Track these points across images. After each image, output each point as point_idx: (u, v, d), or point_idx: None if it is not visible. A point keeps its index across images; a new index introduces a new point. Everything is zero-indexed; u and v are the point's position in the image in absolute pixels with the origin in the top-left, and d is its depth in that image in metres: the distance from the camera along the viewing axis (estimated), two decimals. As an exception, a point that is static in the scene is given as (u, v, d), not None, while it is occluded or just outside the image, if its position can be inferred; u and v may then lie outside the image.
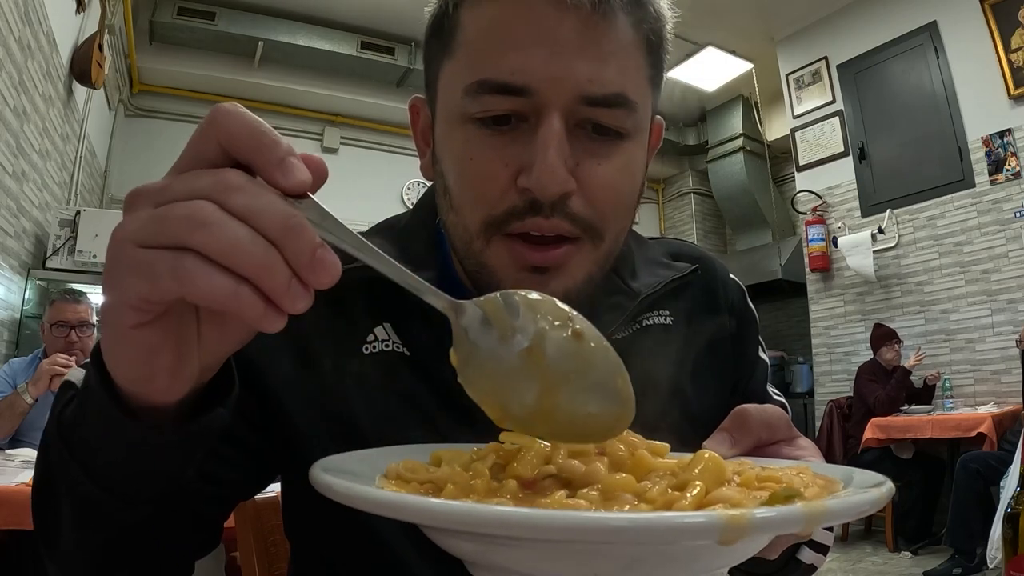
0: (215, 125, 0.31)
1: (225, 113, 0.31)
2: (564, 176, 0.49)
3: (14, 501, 1.51)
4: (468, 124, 0.51)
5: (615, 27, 0.50)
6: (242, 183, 0.30)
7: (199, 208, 0.29)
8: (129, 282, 0.30)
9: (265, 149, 0.31)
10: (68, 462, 0.39)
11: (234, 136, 0.31)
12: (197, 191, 0.29)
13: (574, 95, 0.49)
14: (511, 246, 0.52)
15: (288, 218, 0.30)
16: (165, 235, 0.29)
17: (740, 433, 0.46)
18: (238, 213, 0.29)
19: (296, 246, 0.29)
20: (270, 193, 0.30)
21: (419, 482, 0.34)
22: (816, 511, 0.26)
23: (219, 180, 0.30)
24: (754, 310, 0.72)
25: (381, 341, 0.57)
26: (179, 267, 0.28)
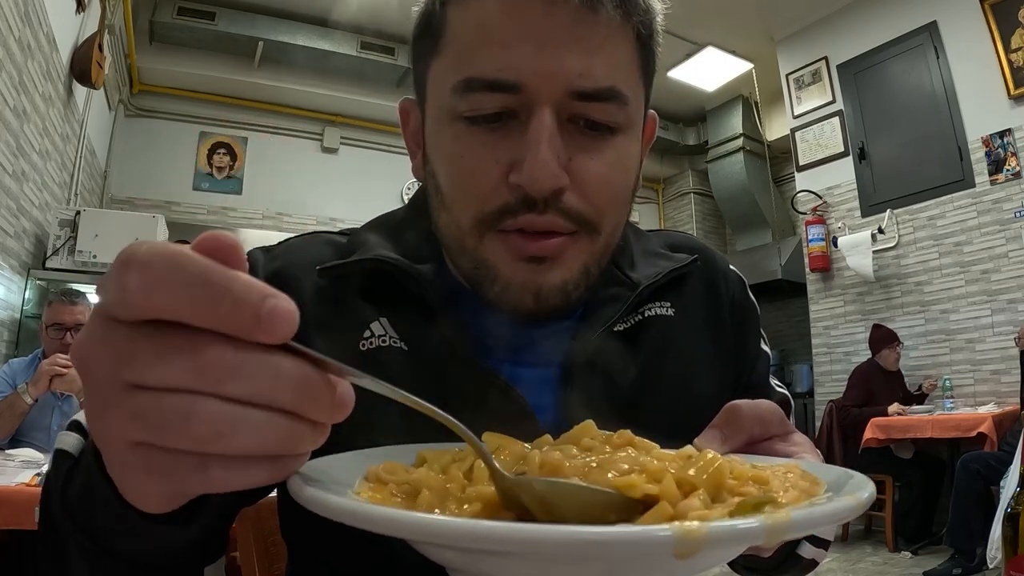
0: (153, 285, 0.24)
1: (159, 265, 0.24)
2: (556, 171, 0.48)
3: (14, 501, 1.51)
4: (458, 122, 0.51)
5: (604, 21, 0.49)
6: (232, 364, 0.25)
7: (207, 416, 0.24)
8: (148, 486, 0.27)
9: (236, 309, 0.24)
10: (85, 543, 0.40)
11: (190, 300, 0.24)
12: (182, 381, 0.24)
13: (564, 90, 0.49)
14: (505, 239, 0.51)
15: (301, 385, 0.26)
16: (173, 442, 0.25)
17: (731, 430, 0.45)
18: (244, 401, 0.25)
19: (317, 408, 0.27)
20: (265, 361, 0.25)
21: (396, 484, 0.34)
22: (778, 524, 0.25)
23: (205, 366, 0.24)
24: (755, 302, 0.72)
25: (378, 336, 0.56)
26: (205, 476, 0.25)
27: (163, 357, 0.24)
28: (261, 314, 0.24)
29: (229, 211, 5.56)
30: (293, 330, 0.25)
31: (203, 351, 0.24)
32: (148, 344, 0.25)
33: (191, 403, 0.24)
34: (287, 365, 0.26)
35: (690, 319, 0.64)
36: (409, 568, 0.51)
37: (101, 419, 0.26)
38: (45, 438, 2.39)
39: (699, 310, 0.65)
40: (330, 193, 5.86)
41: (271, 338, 0.25)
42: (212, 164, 5.60)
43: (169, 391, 0.24)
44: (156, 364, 0.24)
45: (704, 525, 0.25)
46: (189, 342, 0.24)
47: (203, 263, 0.24)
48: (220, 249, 0.25)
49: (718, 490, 0.32)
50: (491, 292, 0.53)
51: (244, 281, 0.25)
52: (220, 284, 0.24)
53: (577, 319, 0.60)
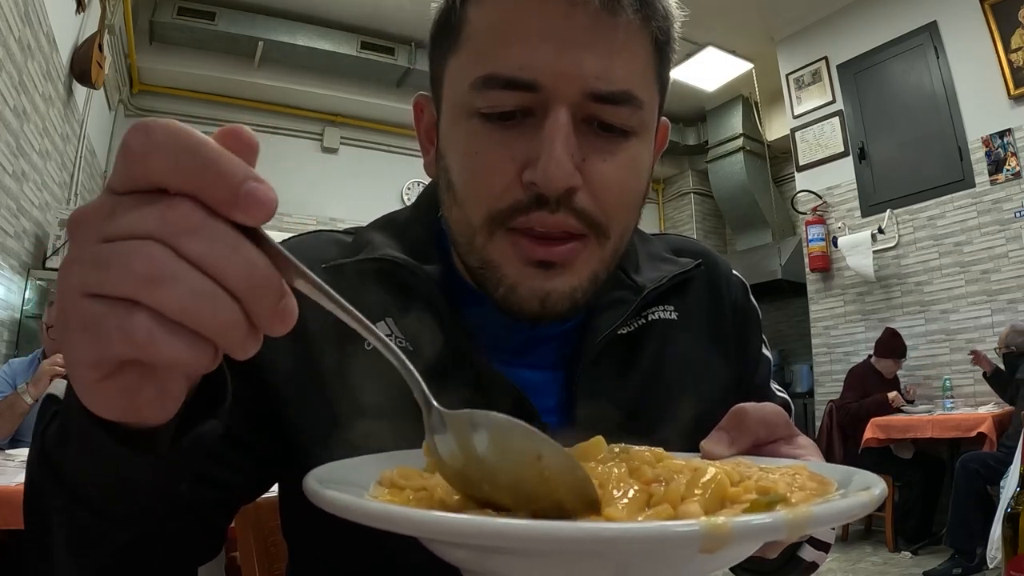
0: (151, 147, 0.25)
1: (161, 131, 0.25)
2: (570, 170, 0.49)
3: (14, 501, 1.51)
4: (474, 119, 0.51)
5: (623, 24, 0.50)
6: (197, 223, 0.25)
7: (149, 256, 0.24)
8: (79, 341, 0.26)
9: (218, 179, 0.25)
10: (54, 488, 0.39)
11: (177, 163, 0.25)
12: (146, 228, 0.25)
13: (581, 91, 0.49)
14: (515, 240, 0.51)
15: (253, 270, 0.26)
16: (112, 285, 0.25)
17: (738, 432, 0.46)
18: (194, 261, 0.25)
19: (261, 303, 0.26)
20: (229, 233, 0.26)
21: (413, 489, 0.34)
22: (799, 518, 0.26)
23: (170, 218, 0.25)
24: (756, 306, 0.72)
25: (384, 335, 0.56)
26: (129, 328, 0.25)
27: (134, 209, 0.25)
28: (240, 191, 0.25)
29: (229, 211, 5.56)
30: (267, 217, 0.26)
31: (172, 206, 0.25)
32: (129, 202, 0.26)
33: (139, 245, 0.25)
34: (247, 247, 0.26)
35: (693, 323, 0.64)
36: (410, 568, 0.51)
37: (65, 271, 0.26)
38: (45, 438, 2.39)
39: (702, 314, 0.66)
40: (330, 193, 5.86)
41: (244, 217, 0.25)
42: (212, 164, 5.59)
43: (130, 239, 0.25)
44: (126, 214, 0.25)
45: (731, 519, 0.25)
46: (164, 200, 0.25)
47: (202, 138, 0.25)
48: (231, 136, 0.26)
49: (721, 501, 0.32)
50: (497, 293, 0.53)
51: (234, 160, 0.25)
52: (209, 155, 0.25)
53: (582, 322, 0.60)
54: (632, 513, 0.30)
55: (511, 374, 0.55)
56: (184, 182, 0.25)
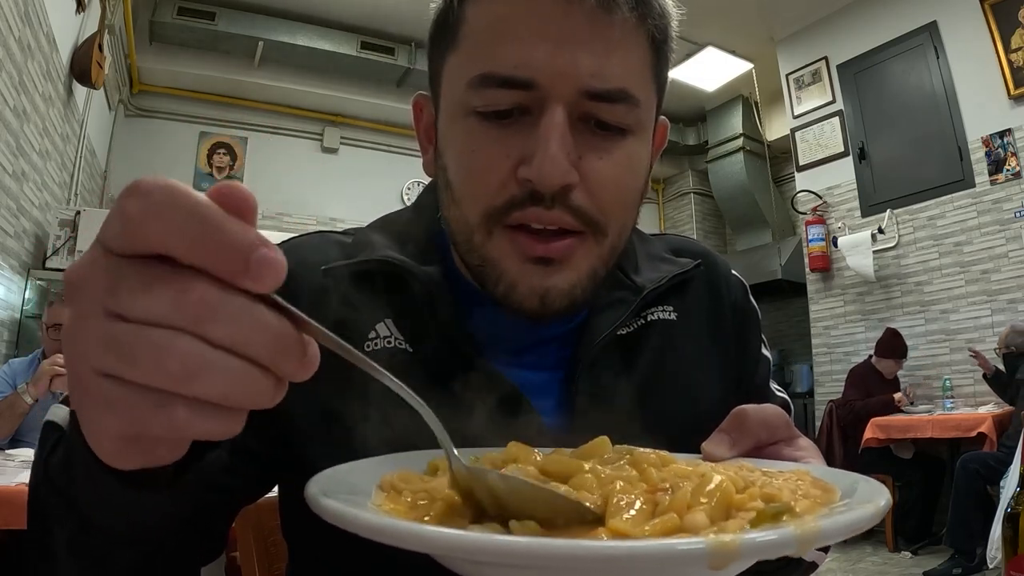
0: (151, 214, 0.24)
1: (159, 194, 0.24)
2: (566, 167, 0.49)
3: (14, 501, 1.51)
4: (471, 117, 0.51)
5: (619, 22, 0.50)
6: (216, 304, 0.24)
7: (183, 354, 0.24)
8: (103, 417, 0.26)
9: (227, 249, 0.24)
10: (62, 514, 0.39)
11: (181, 232, 0.24)
12: (164, 314, 0.24)
13: (577, 89, 0.49)
14: (514, 238, 0.52)
15: (278, 340, 0.26)
16: (143, 377, 0.24)
17: (739, 434, 0.46)
18: (223, 345, 0.25)
19: (288, 364, 0.27)
20: (248, 308, 0.25)
21: (412, 492, 0.34)
22: (808, 534, 0.26)
23: (189, 304, 0.24)
24: (756, 306, 0.72)
25: (383, 338, 0.56)
26: (167, 417, 0.25)
27: (147, 288, 0.24)
28: (251, 260, 0.24)
29: (229, 211, 5.56)
30: (279, 282, 0.25)
31: (188, 287, 0.24)
32: (135, 275, 0.24)
33: (169, 338, 0.24)
34: (269, 317, 0.26)
35: (692, 323, 0.64)
36: (409, 568, 0.51)
37: (76, 343, 0.26)
38: (45, 438, 2.39)
39: (701, 314, 0.66)
40: (330, 193, 5.86)
41: (257, 286, 0.25)
42: (212, 164, 5.60)
43: (148, 324, 0.24)
44: (139, 295, 0.24)
45: (739, 536, 0.25)
46: (175, 277, 0.24)
47: (203, 202, 0.24)
48: (229, 196, 0.25)
49: (727, 510, 0.32)
50: (497, 291, 0.53)
51: (239, 226, 0.24)
52: (215, 224, 0.24)
53: (581, 322, 0.60)
54: (638, 524, 0.30)
55: (511, 375, 0.55)
56: (191, 253, 0.24)
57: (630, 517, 0.31)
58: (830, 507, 0.32)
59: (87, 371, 0.25)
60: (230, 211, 0.25)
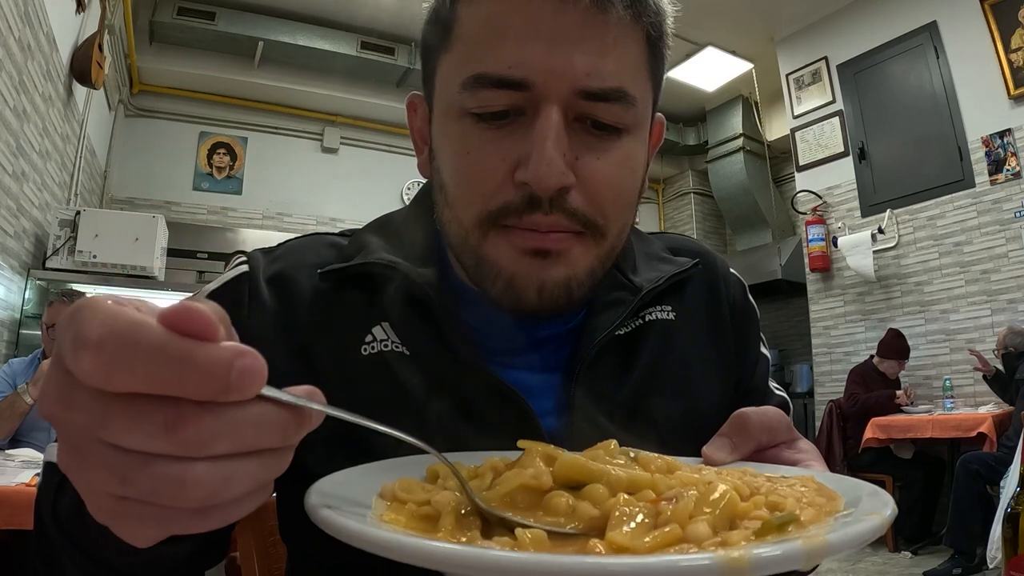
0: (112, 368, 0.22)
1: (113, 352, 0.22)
2: (562, 169, 0.48)
3: (14, 501, 1.51)
4: (465, 118, 0.51)
5: (614, 21, 0.49)
6: (211, 428, 0.24)
7: (196, 479, 0.24)
8: (138, 528, 0.26)
9: (204, 379, 0.23)
10: (77, 556, 0.40)
11: (152, 379, 0.23)
12: (164, 447, 0.23)
13: (572, 89, 0.49)
14: (508, 235, 0.51)
15: (285, 428, 0.26)
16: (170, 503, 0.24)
17: (740, 438, 0.46)
18: (229, 454, 0.25)
19: (297, 439, 0.27)
20: (240, 416, 0.25)
21: (416, 503, 0.34)
22: (816, 548, 0.26)
23: (187, 435, 0.23)
24: (755, 305, 0.72)
25: (380, 341, 0.56)
26: (205, 522, 0.26)
27: (138, 426, 0.23)
28: (230, 380, 0.23)
29: (229, 211, 5.56)
30: (263, 383, 0.25)
31: (180, 423, 0.23)
32: (119, 410, 0.23)
33: (183, 471, 0.23)
34: (268, 413, 0.26)
35: (691, 323, 0.64)
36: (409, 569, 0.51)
37: (80, 472, 0.25)
38: (45, 438, 2.39)
39: (700, 314, 0.65)
40: (330, 193, 5.86)
41: (243, 397, 0.24)
42: (212, 164, 5.60)
43: (153, 456, 0.24)
44: (133, 432, 0.23)
45: (748, 552, 0.25)
46: (162, 412, 0.23)
47: (160, 339, 0.23)
48: (186, 322, 0.23)
49: (731, 520, 0.32)
50: (494, 289, 0.53)
51: (206, 351, 0.23)
52: (181, 360, 0.23)
53: (579, 323, 0.60)
54: (638, 537, 0.30)
55: (509, 376, 0.55)
56: (168, 390, 0.23)
57: (630, 530, 0.30)
58: (835, 517, 0.32)
59: (105, 497, 0.25)
60: (189, 335, 0.23)
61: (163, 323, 0.24)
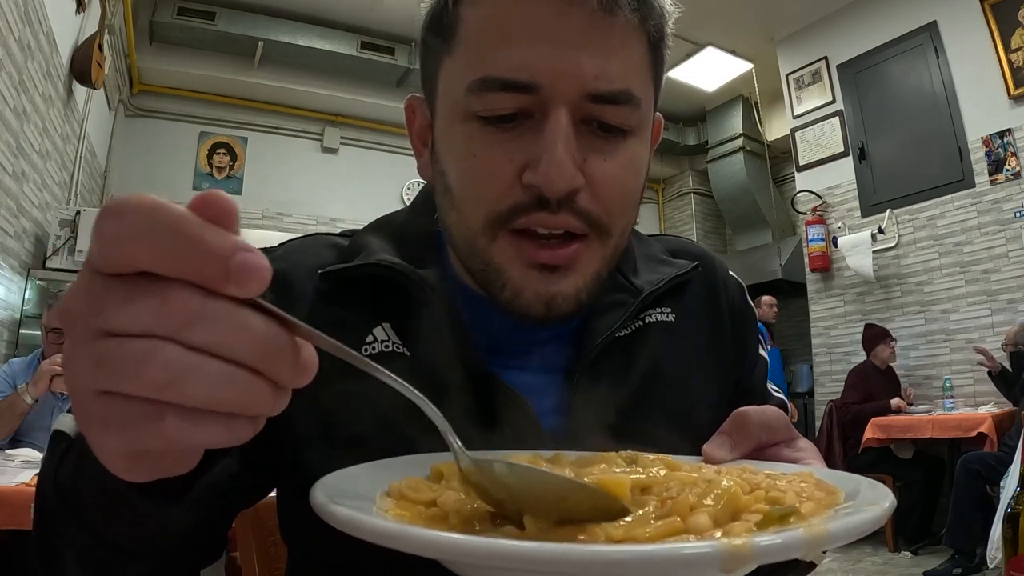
0: (128, 234, 0.24)
1: (134, 214, 0.24)
2: (572, 172, 0.48)
3: (14, 501, 1.51)
4: (471, 121, 0.51)
5: (620, 23, 0.49)
6: (197, 310, 0.24)
7: (164, 360, 0.24)
8: (105, 436, 0.26)
9: (206, 258, 0.24)
10: (73, 529, 0.40)
11: (160, 248, 0.24)
12: (147, 324, 0.24)
13: (580, 91, 0.48)
14: (518, 243, 0.51)
15: (264, 342, 0.26)
16: (131, 388, 0.24)
17: (740, 436, 0.46)
18: (206, 349, 0.24)
19: (280, 368, 0.26)
20: (230, 311, 0.25)
21: (423, 504, 0.34)
22: (817, 536, 0.27)
23: (170, 312, 0.24)
24: (753, 307, 0.72)
25: (381, 342, 0.56)
26: (160, 428, 0.25)
27: (130, 301, 0.24)
28: (231, 266, 0.24)
29: (229, 211, 5.56)
30: (263, 286, 0.25)
31: (168, 296, 0.24)
32: (120, 292, 0.24)
33: (149, 347, 0.24)
34: (253, 319, 0.25)
35: (690, 325, 0.64)
36: (408, 568, 0.51)
37: (72, 367, 0.26)
38: (45, 438, 2.38)
39: (699, 316, 0.66)
40: (330, 193, 5.86)
41: (240, 291, 0.25)
42: (212, 164, 5.60)
43: (133, 336, 0.24)
44: (122, 308, 0.24)
45: (750, 540, 0.26)
46: (157, 288, 0.24)
47: (180, 214, 0.24)
48: (209, 205, 0.25)
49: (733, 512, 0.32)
50: (501, 296, 0.53)
51: (218, 234, 0.24)
52: (192, 235, 0.24)
53: (580, 324, 0.60)
54: (639, 527, 0.30)
55: (509, 377, 0.55)
56: (171, 267, 0.24)
57: (632, 520, 0.31)
58: (835, 509, 0.33)
59: (84, 392, 0.25)
60: (210, 219, 0.24)
61: (190, 205, 0.25)
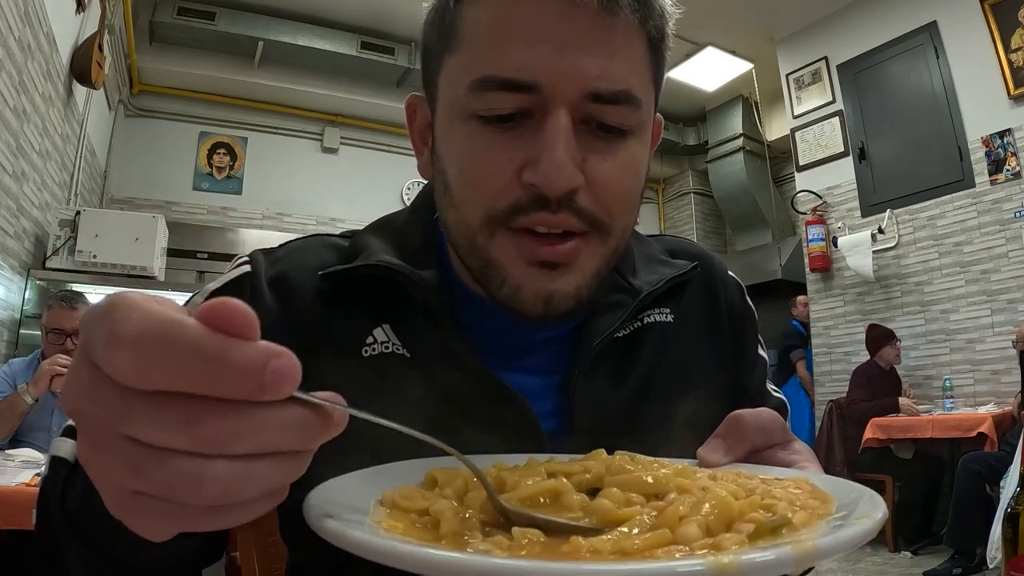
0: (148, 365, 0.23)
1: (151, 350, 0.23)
2: (572, 171, 0.48)
3: (14, 501, 1.51)
4: (471, 120, 0.51)
5: (622, 24, 0.49)
6: (234, 428, 0.23)
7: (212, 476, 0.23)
8: (152, 523, 0.26)
9: (238, 378, 0.23)
10: (83, 552, 0.40)
11: (187, 378, 0.23)
12: (183, 444, 0.23)
13: (581, 91, 0.49)
14: (518, 240, 0.51)
15: (306, 431, 0.26)
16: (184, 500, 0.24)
17: (734, 440, 0.46)
18: (254, 452, 0.24)
19: (316, 445, 0.27)
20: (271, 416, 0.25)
21: (416, 512, 0.34)
22: (805, 553, 0.27)
23: (208, 433, 0.23)
24: (753, 307, 0.72)
25: (381, 343, 0.56)
26: (217, 521, 0.25)
27: (160, 422, 0.23)
28: (264, 380, 0.23)
29: (229, 211, 5.57)
30: (297, 384, 0.24)
31: (203, 420, 0.23)
32: (143, 404, 0.23)
33: (199, 468, 0.23)
34: (293, 414, 0.25)
35: (689, 325, 0.64)
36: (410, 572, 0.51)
37: (98, 465, 0.25)
38: (45, 438, 2.39)
39: (698, 316, 0.66)
40: (330, 193, 5.86)
41: (276, 397, 0.24)
42: (212, 164, 5.60)
43: (172, 451, 0.23)
44: (154, 427, 0.23)
45: (738, 558, 0.26)
46: (185, 407, 0.23)
47: (197, 337, 0.23)
48: (223, 319, 0.23)
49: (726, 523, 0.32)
50: (500, 293, 0.53)
51: (243, 350, 0.23)
52: (217, 359, 0.23)
53: (578, 325, 0.60)
54: (630, 537, 0.30)
55: (509, 378, 0.55)
56: (201, 390, 0.23)
57: (620, 531, 0.31)
58: (827, 520, 0.33)
59: (120, 491, 0.25)
60: (227, 332, 0.23)
61: (200, 319, 0.23)
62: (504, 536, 0.31)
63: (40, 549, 0.44)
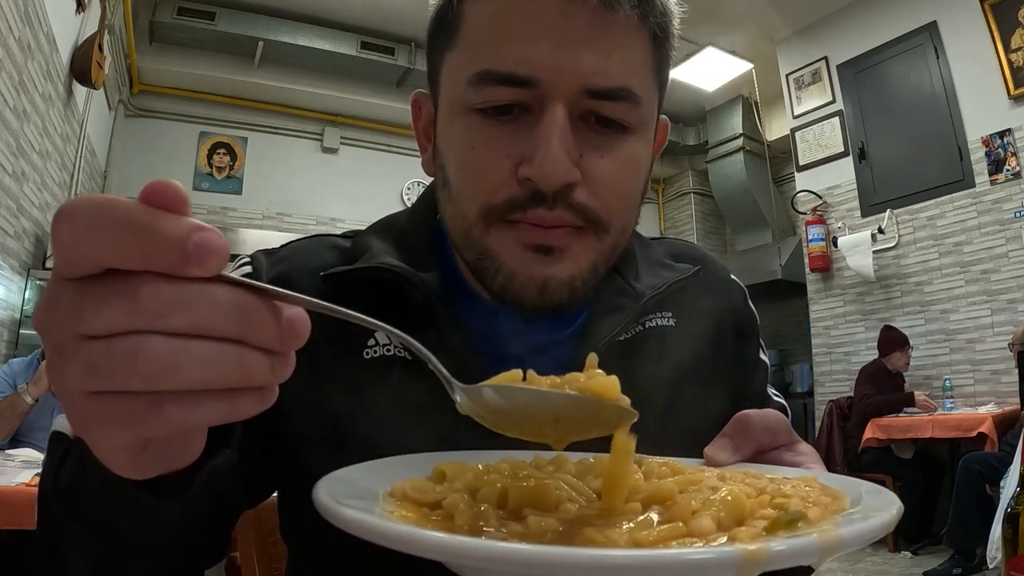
0: (82, 236, 0.24)
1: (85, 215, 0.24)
2: (567, 166, 0.48)
3: (14, 501, 1.51)
4: (470, 115, 0.51)
5: (621, 20, 0.49)
6: (168, 297, 0.24)
7: (150, 354, 0.24)
8: (104, 433, 0.27)
9: (162, 246, 0.24)
10: (76, 528, 0.40)
11: (115, 245, 0.24)
12: (125, 322, 0.24)
13: (578, 87, 0.49)
14: (513, 228, 0.51)
15: (241, 313, 0.26)
16: (124, 385, 0.25)
17: (742, 439, 0.46)
18: (188, 332, 0.25)
19: (264, 333, 0.27)
20: (200, 292, 0.25)
21: (429, 506, 0.34)
22: (830, 541, 0.27)
23: (143, 306, 0.24)
24: (755, 311, 0.72)
25: (382, 345, 0.56)
26: (162, 415, 0.25)
27: (104, 302, 0.25)
28: (188, 248, 0.24)
29: (229, 211, 5.56)
30: (224, 262, 0.25)
31: (138, 291, 0.24)
32: (92, 294, 0.25)
33: (135, 343, 0.24)
34: (223, 293, 0.26)
35: (691, 329, 0.64)
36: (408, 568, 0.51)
37: (60, 376, 0.26)
38: (45, 438, 2.38)
39: (700, 320, 0.65)
40: (330, 193, 5.86)
41: (202, 270, 0.25)
42: (212, 164, 5.60)
43: (116, 336, 0.24)
44: (98, 310, 0.25)
45: (766, 546, 0.26)
46: (126, 284, 0.25)
47: (129, 207, 0.25)
48: (158, 194, 0.25)
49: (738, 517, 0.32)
50: (495, 283, 0.53)
51: (170, 220, 0.25)
52: (145, 225, 0.24)
53: (581, 328, 0.60)
54: (644, 529, 0.30)
55: None
56: (131, 260, 0.24)
57: (635, 524, 0.31)
58: (843, 515, 0.33)
59: (76, 396, 0.26)
60: (160, 208, 0.25)
61: (140, 197, 0.25)
62: (520, 527, 0.31)
63: (39, 538, 0.44)
